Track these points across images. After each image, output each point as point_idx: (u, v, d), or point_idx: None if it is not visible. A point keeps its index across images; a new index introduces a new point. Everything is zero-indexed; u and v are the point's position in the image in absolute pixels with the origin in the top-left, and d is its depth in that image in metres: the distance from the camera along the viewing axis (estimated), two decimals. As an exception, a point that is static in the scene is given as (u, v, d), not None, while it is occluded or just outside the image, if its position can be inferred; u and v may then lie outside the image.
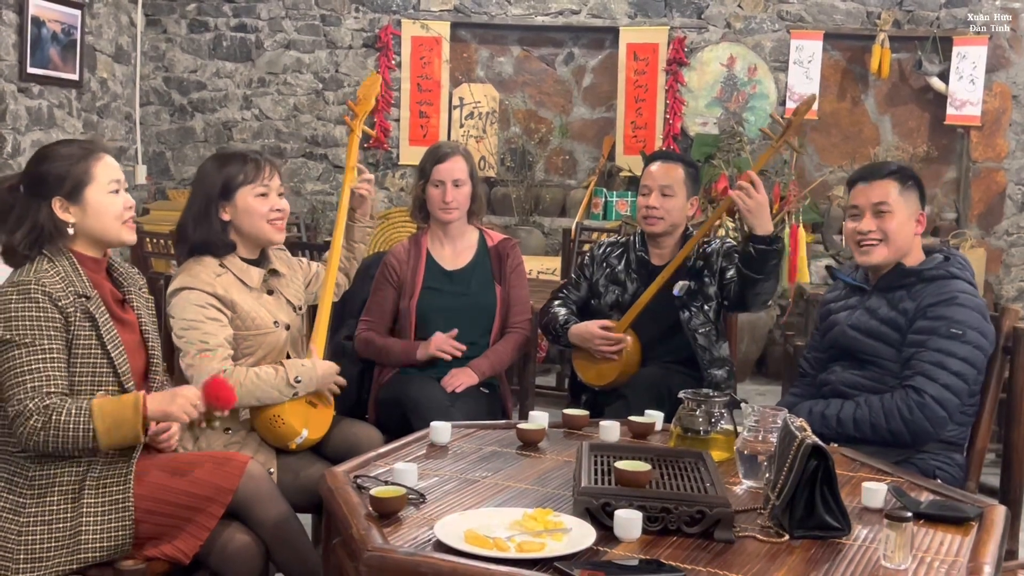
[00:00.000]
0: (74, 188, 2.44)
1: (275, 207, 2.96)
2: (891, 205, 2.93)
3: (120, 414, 2.33)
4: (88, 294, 2.42)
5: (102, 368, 2.42)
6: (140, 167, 7.72)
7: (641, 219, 3.50)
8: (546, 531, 1.94)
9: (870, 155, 7.35)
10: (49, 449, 2.32)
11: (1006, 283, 7.33)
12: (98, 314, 2.42)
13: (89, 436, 2.31)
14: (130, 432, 2.34)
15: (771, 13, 7.47)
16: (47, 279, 2.37)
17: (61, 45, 6.49)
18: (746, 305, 3.40)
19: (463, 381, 3.34)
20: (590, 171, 7.73)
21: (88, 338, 2.40)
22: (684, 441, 2.51)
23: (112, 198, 2.49)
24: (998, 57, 7.21)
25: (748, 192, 3.13)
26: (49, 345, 2.34)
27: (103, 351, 2.42)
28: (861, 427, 2.78)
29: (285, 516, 2.54)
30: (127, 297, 2.59)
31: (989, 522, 2.11)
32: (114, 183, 2.49)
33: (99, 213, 2.47)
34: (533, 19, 7.64)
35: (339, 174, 7.88)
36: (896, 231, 2.93)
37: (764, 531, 2.03)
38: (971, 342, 2.77)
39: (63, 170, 2.44)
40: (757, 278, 3.25)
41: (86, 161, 2.46)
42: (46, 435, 2.29)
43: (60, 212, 2.44)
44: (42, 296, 2.34)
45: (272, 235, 2.98)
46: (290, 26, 7.79)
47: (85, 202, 2.45)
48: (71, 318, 2.37)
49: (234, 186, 2.92)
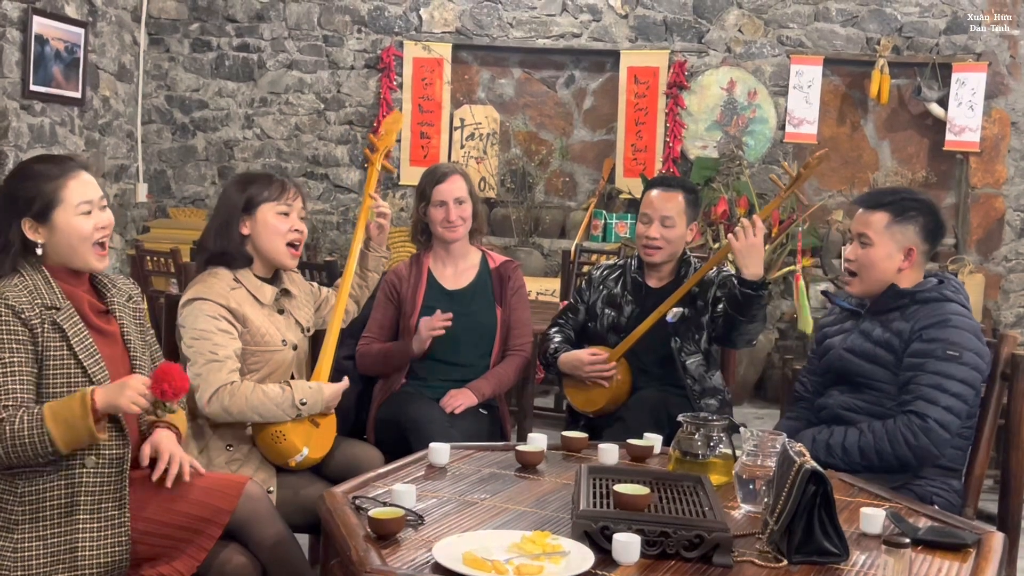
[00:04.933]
0: (43, 209, 2.41)
1: (294, 227, 3.01)
2: (872, 238, 2.91)
3: (70, 414, 2.27)
4: (58, 305, 2.39)
5: (76, 379, 2.39)
6: (141, 185, 7.73)
7: (640, 247, 3.51)
8: (544, 554, 1.94)
9: (869, 180, 7.37)
10: (13, 461, 2.28)
11: (1005, 309, 7.34)
12: (68, 325, 2.39)
13: (46, 441, 2.25)
14: (83, 430, 2.27)
15: (771, 38, 7.51)
16: (11, 292, 2.35)
17: (64, 63, 6.52)
18: (731, 342, 3.40)
19: (462, 402, 3.34)
20: (590, 193, 7.75)
21: (59, 349, 2.38)
22: (683, 465, 2.51)
23: (81, 220, 2.43)
24: (997, 83, 7.25)
25: (745, 231, 3.13)
26: (10, 359, 2.31)
27: (75, 361, 2.39)
28: (867, 454, 2.78)
29: (283, 537, 2.53)
30: (110, 308, 2.55)
31: (987, 549, 2.11)
32: (85, 205, 2.44)
33: (67, 235, 2.42)
34: (535, 42, 7.68)
35: (340, 194, 7.91)
36: (871, 264, 2.91)
37: (762, 556, 2.03)
38: (968, 363, 2.77)
39: (33, 191, 2.41)
40: (741, 320, 3.25)
41: (58, 180, 2.43)
42: (3, 447, 2.25)
43: (29, 232, 2.41)
44: (4, 309, 2.32)
45: (285, 259, 3.01)
46: (292, 46, 7.83)
47: (53, 223, 2.42)
48: (37, 330, 2.35)
49: (257, 201, 2.97)
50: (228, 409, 2.83)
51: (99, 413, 2.29)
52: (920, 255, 2.93)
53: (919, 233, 2.92)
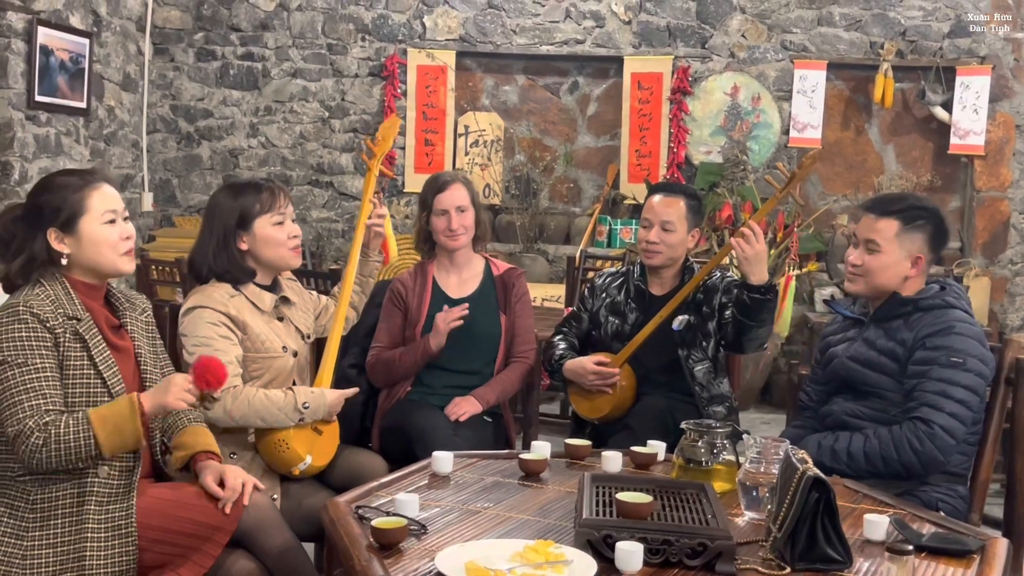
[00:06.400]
0: (68, 219, 2.46)
1: (292, 233, 3.03)
2: (880, 244, 2.91)
3: (119, 418, 2.33)
4: (79, 316, 2.43)
5: (96, 388, 2.42)
6: (147, 194, 7.75)
7: (641, 251, 3.52)
8: (547, 563, 1.94)
9: (874, 184, 7.36)
10: (53, 465, 2.31)
11: (1011, 312, 7.32)
12: (88, 335, 2.43)
13: (91, 445, 2.31)
14: (131, 435, 2.34)
15: (775, 43, 7.51)
16: (35, 301, 2.38)
17: (69, 73, 6.54)
18: (741, 347, 3.41)
19: (467, 410, 3.34)
20: (594, 199, 7.75)
21: (79, 358, 2.41)
22: (686, 472, 2.51)
23: (107, 229, 2.49)
24: (1001, 87, 7.24)
25: (748, 240, 3.13)
26: (42, 364, 2.35)
27: (95, 371, 2.42)
28: (872, 460, 2.77)
29: (290, 545, 2.53)
30: (123, 323, 2.59)
31: (991, 555, 2.10)
32: (110, 213, 2.50)
33: (93, 244, 2.48)
34: (538, 48, 7.68)
35: (344, 202, 7.91)
36: (878, 270, 2.91)
37: (766, 563, 2.03)
38: (972, 370, 2.77)
39: (58, 201, 2.46)
40: (750, 324, 3.26)
41: (82, 191, 2.48)
42: (48, 451, 2.29)
43: (55, 243, 2.46)
44: (30, 317, 2.36)
45: (291, 260, 3.06)
46: (297, 55, 7.84)
47: (79, 233, 2.47)
48: (60, 339, 2.39)
49: (252, 216, 2.97)
50: (231, 413, 2.84)
51: (147, 416, 2.36)
52: (926, 263, 2.93)
53: (927, 242, 2.92)
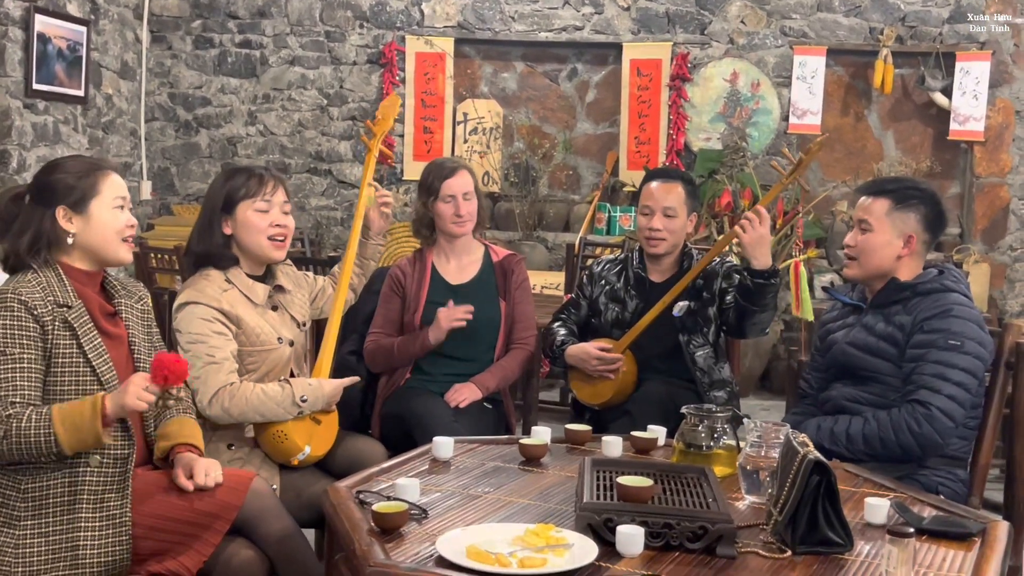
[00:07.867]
0: (80, 199, 2.46)
1: (275, 223, 2.96)
2: (872, 223, 2.93)
3: (79, 417, 2.28)
4: (70, 303, 2.42)
5: (85, 376, 2.41)
6: (145, 183, 7.74)
7: (643, 240, 3.50)
8: (548, 547, 1.94)
9: (873, 170, 7.35)
10: (15, 457, 2.29)
11: (1010, 298, 7.32)
12: (78, 324, 2.41)
13: (52, 441, 2.26)
14: (90, 434, 2.28)
15: (774, 29, 7.49)
16: (24, 288, 2.37)
17: (67, 61, 6.52)
18: (743, 332, 3.40)
19: (466, 396, 3.34)
20: (594, 186, 7.74)
21: (68, 347, 2.39)
22: (687, 457, 2.51)
23: (115, 214, 2.50)
24: (1001, 73, 7.22)
25: (752, 224, 3.12)
26: (20, 354, 2.33)
27: (85, 360, 2.40)
28: (870, 442, 2.78)
29: (290, 532, 2.53)
30: (118, 310, 2.57)
31: (992, 538, 2.11)
32: (119, 199, 2.51)
33: (101, 226, 2.48)
34: (537, 35, 7.66)
35: (343, 189, 7.90)
36: (870, 250, 2.93)
37: (766, 547, 2.03)
38: (970, 352, 2.77)
39: (73, 180, 2.47)
40: (753, 309, 3.26)
41: (96, 175, 2.49)
42: (8, 443, 2.26)
43: (63, 221, 2.45)
44: (17, 305, 2.34)
45: (271, 252, 2.97)
46: (295, 42, 7.82)
47: (89, 214, 2.47)
48: (48, 327, 2.37)
49: (236, 199, 2.94)
50: (229, 411, 2.83)
51: (108, 419, 2.31)
52: (920, 244, 2.93)
53: (920, 221, 2.93)
